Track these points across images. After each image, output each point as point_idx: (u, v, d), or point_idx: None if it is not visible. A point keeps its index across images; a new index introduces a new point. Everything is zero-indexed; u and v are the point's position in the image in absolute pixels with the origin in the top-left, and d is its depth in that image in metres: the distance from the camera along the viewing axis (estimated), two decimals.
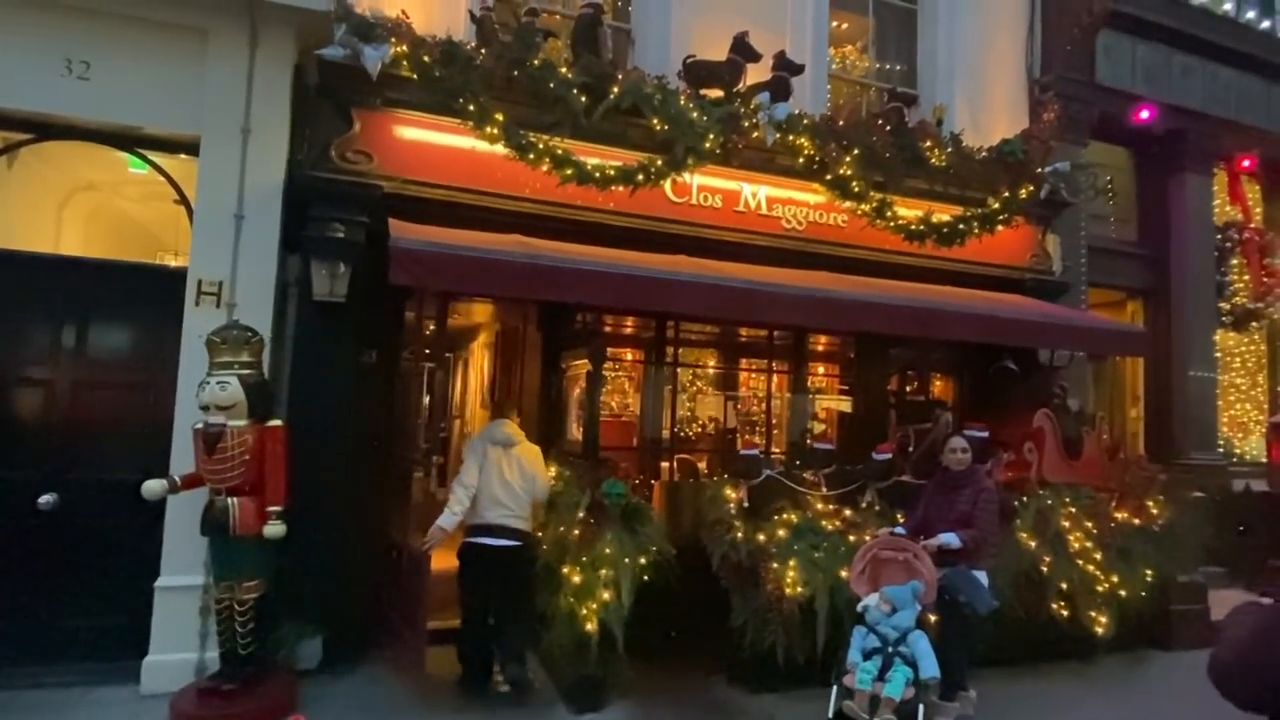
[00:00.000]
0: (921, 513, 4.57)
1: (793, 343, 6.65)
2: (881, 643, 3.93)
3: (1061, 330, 5.66)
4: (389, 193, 4.83)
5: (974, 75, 7.21)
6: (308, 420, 4.61)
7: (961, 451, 4.50)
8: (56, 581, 4.31)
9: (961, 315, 5.11)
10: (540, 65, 4.95)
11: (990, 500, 4.42)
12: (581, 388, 5.15)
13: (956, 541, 4.21)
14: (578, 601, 4.25)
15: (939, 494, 4.54)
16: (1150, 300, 8.38)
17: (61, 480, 4.37)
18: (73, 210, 5.94)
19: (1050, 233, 6.97)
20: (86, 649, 4.33)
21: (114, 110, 4.48)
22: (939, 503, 4.51)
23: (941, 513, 4.43)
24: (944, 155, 6.19)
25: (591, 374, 4.89)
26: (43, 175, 5.24)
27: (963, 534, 4.25)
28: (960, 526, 4.30)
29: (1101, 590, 5.19)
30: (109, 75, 4.43)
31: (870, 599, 4.09)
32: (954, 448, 4.52)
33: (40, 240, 5.33)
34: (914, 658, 3.85)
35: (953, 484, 4.49)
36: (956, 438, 4.59)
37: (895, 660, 3.85)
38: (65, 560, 4.32)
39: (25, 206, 5.19)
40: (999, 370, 6.42)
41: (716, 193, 5.72)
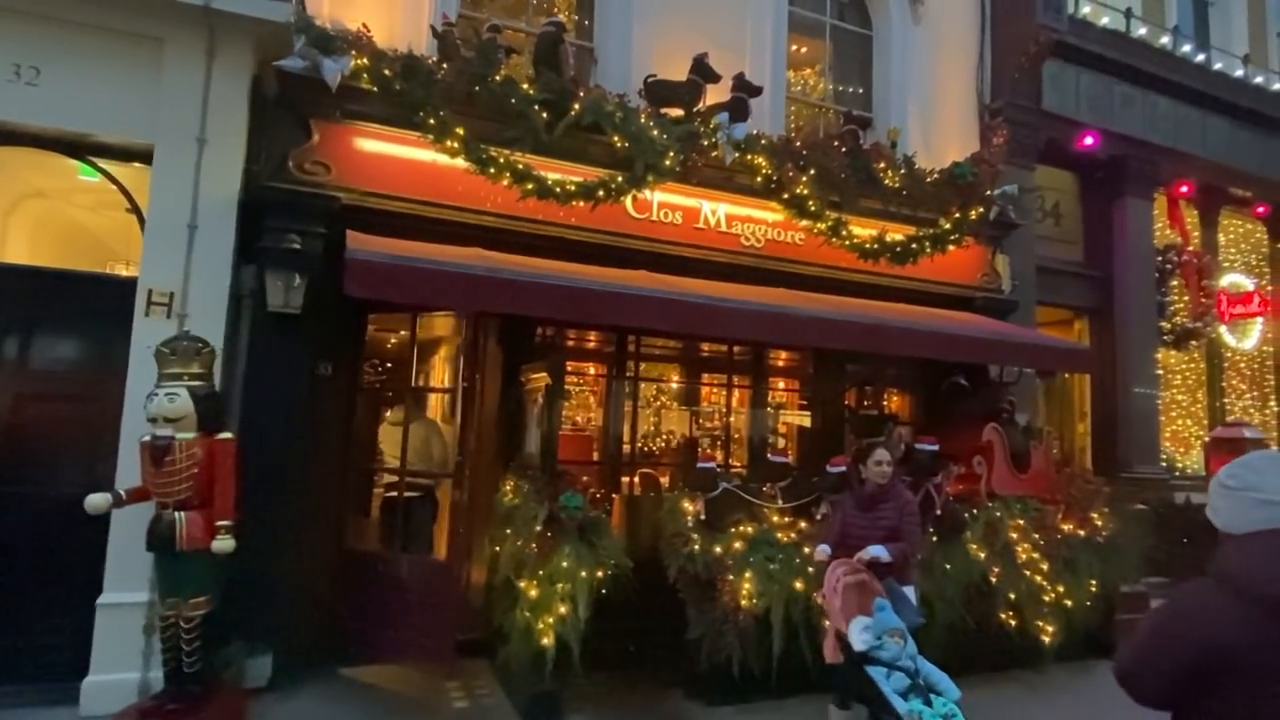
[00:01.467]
0: (839, 529, 4.30)
1: (752, 358, 6.74)
2: (910, 677, 3.51)
3: (1010, 347, 5.84)
4: (347, 204, 4.82)
5: (927, 100, 7.45)
6: (260, 433, 4.55)
7: (887, 464, 4.24)
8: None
9: (914, 332, 5.25)
10: (502, 81, 5.00)
11: (914, 513, 4.26)
12: (540, 401, 5.15)
13: (887, 555, 4.01)
14: (534, 616, 4.23)
15: (860, 509, 4.28)
16: (1096, 319, 8.69)
17: (2, 494, 4.24)
18: (19, 218, 5.80)
19: (1000, 253, 7.20)
20: (26, 669, 4.18)
21: (64, 117, 4.40)
22: (859, 518, 4.26)
23: (865, 528, 4.20)
24: (897, 177, 6.37)
25: (550, 387, 4.91)
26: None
27: (892, 547, 4.04)
28: (888, 540, 4.09)
29: (1049, 600, 5.33)
30: (60, 82, 4.36)
31: (872, 636, 3.61)
32: (879, 459, 4.23)
33: None
34: (933, 683, 3.53)
35: (874, 498, 4.25)
36: (880, 450, 4.32)
37: (925, 692, 3.45)
38: (4, 577, 4.18)
39: None
40: (950, 386, 6.59)
41: (677, 209, 5.81)
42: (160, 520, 3.91)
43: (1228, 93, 8.96)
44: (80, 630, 4.15)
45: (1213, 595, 1.65)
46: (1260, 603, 1.57)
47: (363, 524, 5.47)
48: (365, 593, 4.94)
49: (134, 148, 4.57)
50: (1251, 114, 9.14)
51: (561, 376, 5.29)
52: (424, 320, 5.31)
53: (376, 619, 4.90)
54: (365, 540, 5.36)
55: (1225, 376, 9.58)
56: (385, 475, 5.56)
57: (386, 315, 5.42)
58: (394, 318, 5.53)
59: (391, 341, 8.33)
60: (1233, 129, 9.08)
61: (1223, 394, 9.48)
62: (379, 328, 7.62)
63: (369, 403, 5.91)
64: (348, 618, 4.92)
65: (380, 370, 8.93)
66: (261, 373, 4.68)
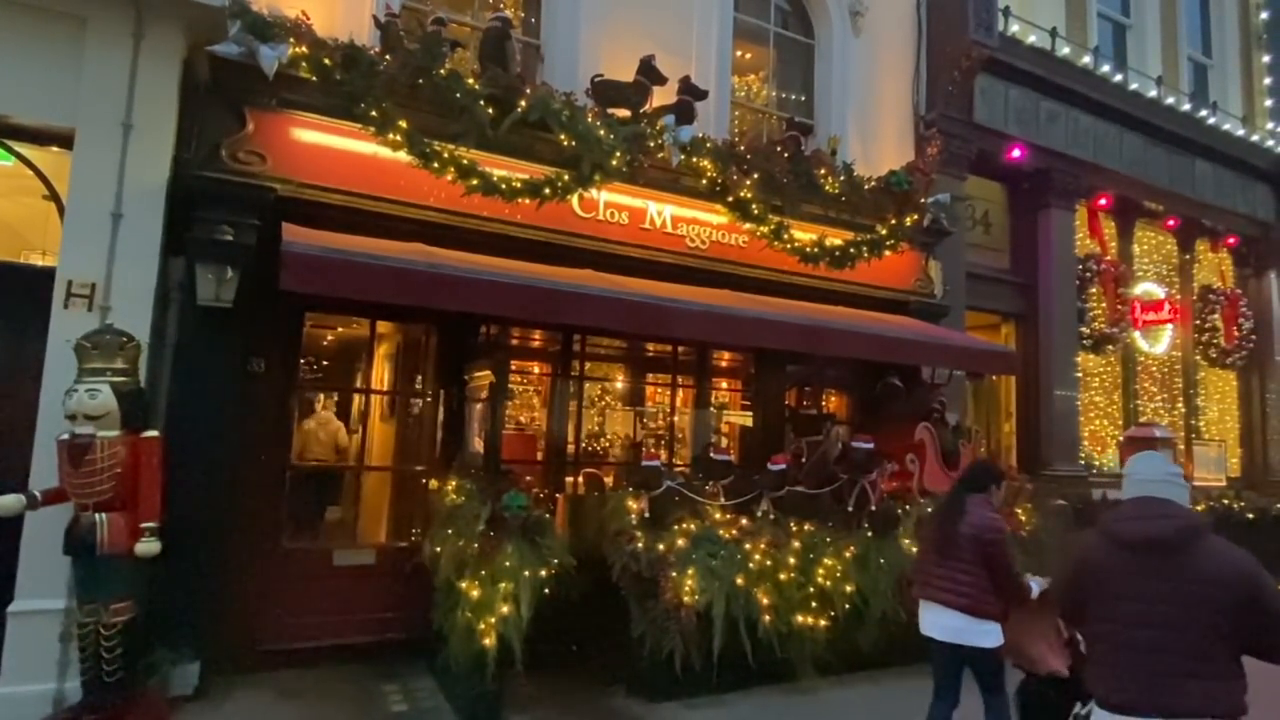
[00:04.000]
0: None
1: (696, 359, 6.83)
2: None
3: (941, 349, 6.08)
4: (283, 196, 4.67)
5: (865, 110, 7.67)
6: (189, 431, 4.40)
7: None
8: None
9: (850, 333, 5.41)
10: (447, 75, 4.93)
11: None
12: (484, 401, 5.09)
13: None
14: (476, 616, 4.19)
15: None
16: (1021, 324, 9.09)
17: None
18: None
19: (933, 259, 7.46)
20: None
21: None
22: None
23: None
24: (837, 183, 6.54)
25: (494, 386, 4.87)
26: None
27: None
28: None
29: None
30: None
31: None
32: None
33: None
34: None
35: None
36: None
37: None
38: None
39: None
40: (885, 386, 6.81)
41: (623, 210, 5.84)
42: (79, 522, 3.74)
43: (1142, 111, 9.50)
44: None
45: (1091, 537, 2.56)
46: (1111, 537, 2.47)
47: (303, 523, 5.32)
48: (305, 588, 4.84)
49: (53, 131, 4.34)
50: (1163, 132, 9.72)
51: (505, 375, 5.25)
52: (360, 321, 5.21)
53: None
54: (304, 538, 5.21)
55: (1138, 379, 10.14)
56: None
57: (327, 313, 5.30)
58: (335, 315, 5.39)
59: (328, 339, 8.14)
60: (1146, 145, 9.63)
61: (1136, 396, 10.03)
62: (317, 324, 7.47)
63: (307, 401, 5.76)
64: (284, 614, 4.80)
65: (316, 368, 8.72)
66: (190, 369, 4.51)
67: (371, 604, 5.06)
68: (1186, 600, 2.25)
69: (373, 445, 6.23)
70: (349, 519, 5.77)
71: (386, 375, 7.02)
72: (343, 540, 5.16)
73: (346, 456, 7.37)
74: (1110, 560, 2.42)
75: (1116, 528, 2.46)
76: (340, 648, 4.92)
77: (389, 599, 5.10)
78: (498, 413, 5.07)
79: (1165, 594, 2.29)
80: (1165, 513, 2.39)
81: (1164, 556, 2.32)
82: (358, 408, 7.57)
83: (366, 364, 5.68)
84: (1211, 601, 2.23)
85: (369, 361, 5.69)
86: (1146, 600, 2.31)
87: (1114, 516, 2.51)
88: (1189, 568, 2.28)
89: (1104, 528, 2.51)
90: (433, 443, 5.39)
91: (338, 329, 8.25)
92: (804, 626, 4.91)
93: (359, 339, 7.73)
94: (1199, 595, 2.24)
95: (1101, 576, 2.43)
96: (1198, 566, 2.28)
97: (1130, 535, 2.41)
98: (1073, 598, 2.57)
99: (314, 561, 5.01)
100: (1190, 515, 2.43)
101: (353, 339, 8.13)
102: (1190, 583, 2.26)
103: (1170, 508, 2.41)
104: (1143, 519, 2.41)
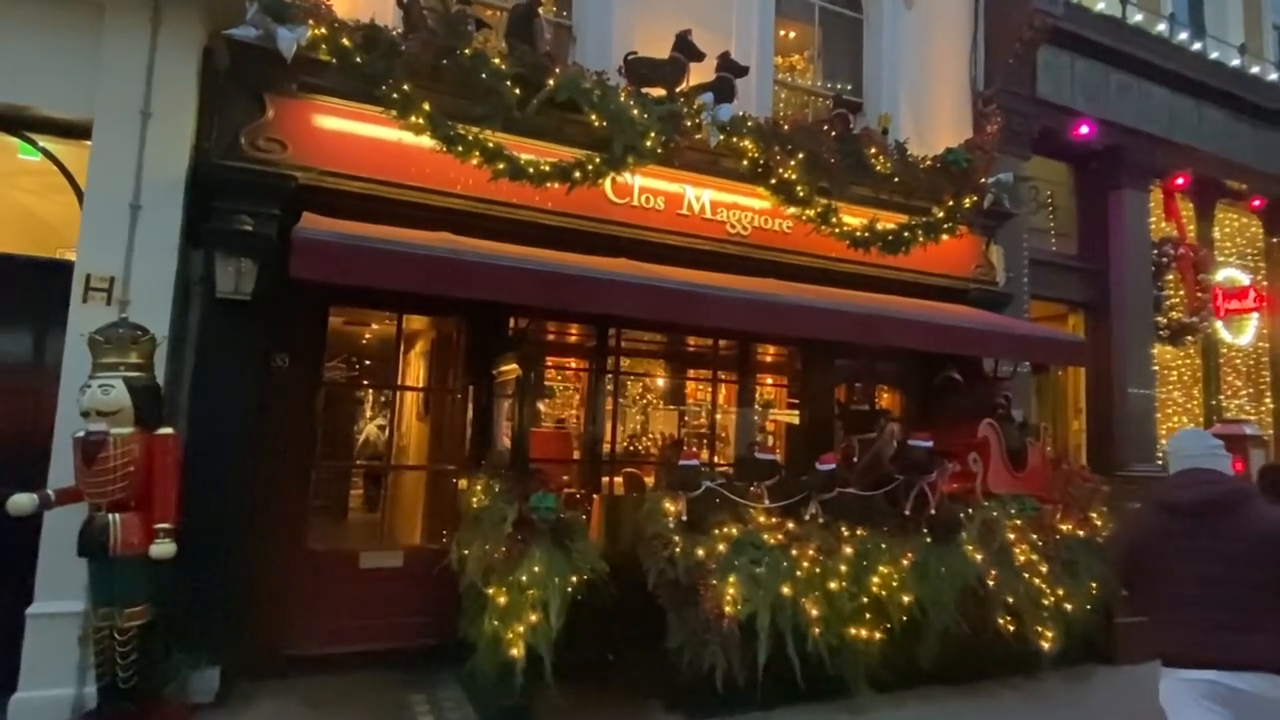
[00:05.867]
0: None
1: (739, 352, 6.48)
2: None
3: (1005, 339, 5.60)
4: (304, 184, 4.51)
5: (918, 86, 7.21)
6: (209, 428, 4.26)
7: None
8: None
9: (905, 322, 5.00)
10: (472, 55, 4.70)
11: None
12: (511, 396, 4.85)
13: None
14: (503, 625, 3.95)
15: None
16: (1091, 314, 8.46)
17: None
18: None
19: (994, 244, 6.96)
20: None
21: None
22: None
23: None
24: (889, 163, 6.12)
25: (520, 381, 4.61)
26: None
27: None
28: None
29: (1048, 604, 5.08)
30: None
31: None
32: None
33: None
34: None
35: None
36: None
37: None
38: None
39: None
40: (943, 380, 6.35)
41: (659, 195, 5.53)
42: (93, 523, 3.61)
43: (1224, 83, 8.76)
44: (10, 643, 3.83)
45: (1145, 508, 2.85)
46: (1164, 505, 2.67)
47: (329, 523, 5.15)
48: (330, 591, 4.68)
49: (76, 123, 4.25)
50: (1247, 105, 8.95)
51: (534, 369, 4.99)
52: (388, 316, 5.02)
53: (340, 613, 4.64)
54: (332, 540, 5.04)
55: (1221, 373, 9.39)
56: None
57: (352, 307, 5.13)
58: (361, 309, 5.22)
59: (358, 335, 8.03)
60: (1228, 120, 8.89)
61: (1219, 390, 9.29)
62: (348, 320, 7.36)
63: (334, 397, 5.60)
64: (308, 619, 4.64)
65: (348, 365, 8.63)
66: (212, 364, 4.36)
67: (399, 608, 4.86)
68: (1239, 558, 2.41)
69: (403, 444, 6.06)
70: (377, 519, 5.59)
71: (418, 372, 6.87)
72: (370, 541, 4.95)
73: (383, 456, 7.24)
74: (1166, 526, 2.62)
75: (1169, 496, 2.67)
76: (366, 654, 4.73)
77: (417, 603, 4.88)
78: (524, 409, 4.81)
79: (1220, 553, 2.45)
80: (1212, 479, 2.59)
81: (1216, 519, 2.51)
82: (383, 405, 7.45)
83: (395, 360, 5.50)
84: (1263, 558, 2.39)
85: (397, 357, 5.50)
86: (1203, 560, 2.47)
87: (1165, 487, 2.73)
88: (1239, 528, 2.46)
89: (1156, 497, 2.74)
90: (463, 441, 5.18)
91: (371, 325, 8.15)
92: (857, 640, 4.52)
93: (388, 334, 7.63)
94: (1251, 553, 2.41)
95: (1158, 541, 2.62)
96: (1248, 527, 2.45)
97: (1182, 501, 2.60)
98: (1131, 565, 2.77)
99: (340, 563, 4.83)
100: (1237, 480, 2.67)
101: (383, 335, 8.02)
102: (1241, 540, 2.43)
103: (1216, 475, 2.60)
104: (1193, 485, 2.59)
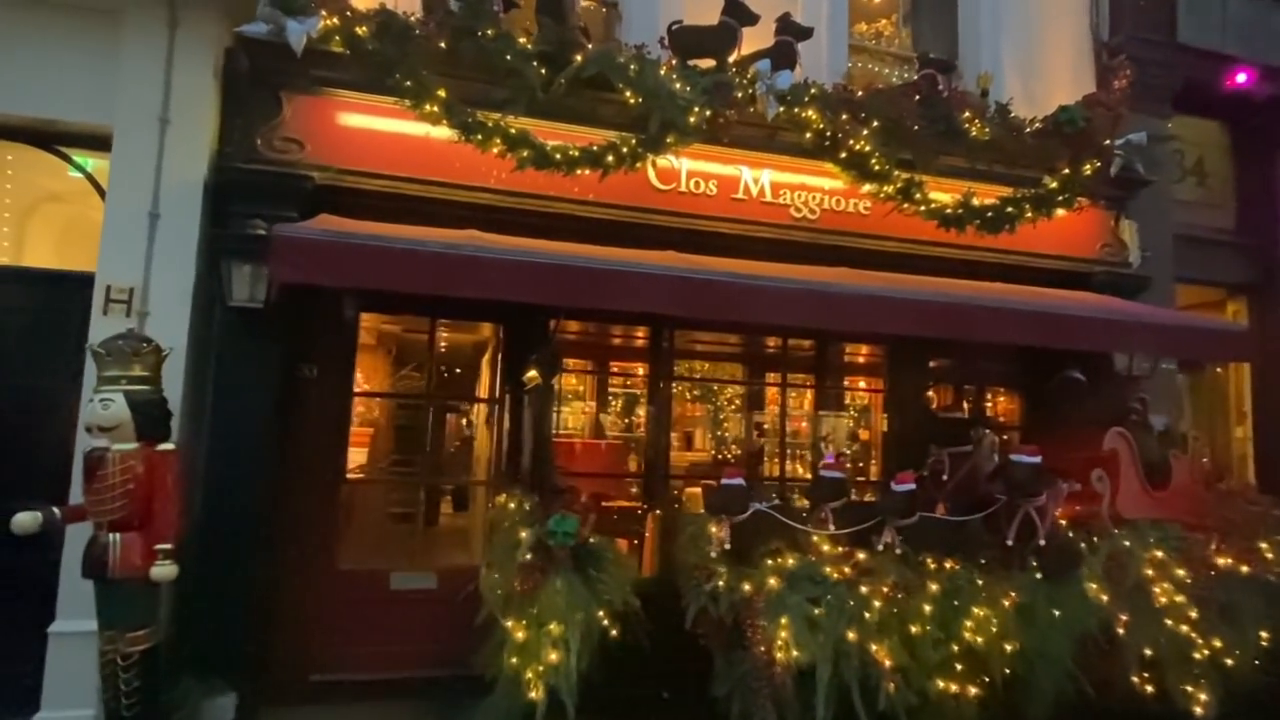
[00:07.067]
0: None
1: (816, 354, 5.78)
2: None
3: (1134, 329, 4.58)
4: (321, 184, 4.28)
5: (1026, 39, 6.21)
6: (226, 441, 4.09)
7: None
8: None
9: (998, 312, 4.15)
10: (495, 36, 4.31)
11: None
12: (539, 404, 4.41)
13: None
14: (521, 663, 3.52)
15: None
16: (1256, 298, 7.07)
17: None
18: (42, 222, 5.63)
19: (1125, 218, 5.86)
20: None
21: (28, 103, 4.10)
22: None
23: None
24: (986, 127, 5.22)
25: (540, 387, 4.17)
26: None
27: None
28: None
29: (1199, 658, 4.08)
30: (20, 65, 4.06)
31: None
32: None
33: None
34: None
35: None
36: None
37: None
38: None
39: None
40: (1062, 382, 5.35)
41: (710, 178, 4.95)
42: (95, 543, 3.46)
43: None
44: (37, 661, 3.78)
45: None
46: None
47: (361, 541, 4.92)
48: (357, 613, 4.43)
49: (103, 134, 4.21)
50: None
51: (553, 373, 4.52)
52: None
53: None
54: (360, 558, 4.78)
55: None
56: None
57: (382, 313, 4.89)
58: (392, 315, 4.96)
59: (392, 342, 7.78)
60: None
61: None
62: (408, 328, 7.19)
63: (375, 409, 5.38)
64: (334, 643, 4.40)
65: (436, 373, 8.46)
66: (232, 375, 4.20)
67: (431, 633, 4.52)
68: None
69: (445, 456, 5.77)
70: (409, 537, 5.32)
71: (480, 380, 6.60)
72: (402, 561, 4.66)
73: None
74: None
75: None
76: (394, 682, 4.42)
77: (450, 629, 4.52)
78: (545, 416, 4.37)
79: None
80: None
81: None
82: (459, 414, 7.23)
83: (430, 368, 5.20)
84: None
85: (432, 366, 5.20)
86: None
87: None
88: None
89: None
90: (498, 454, 4.81)
91: (442, 332, 8.00)
92: (945, 696, 3.76)
93: (463, 342, 7.43)
94: None
95: None
96: None
97: None
98: None
99: (369, 584, 4.56)
100: None
101: (455, 342, 7.83)
102: None
103: None
104: None
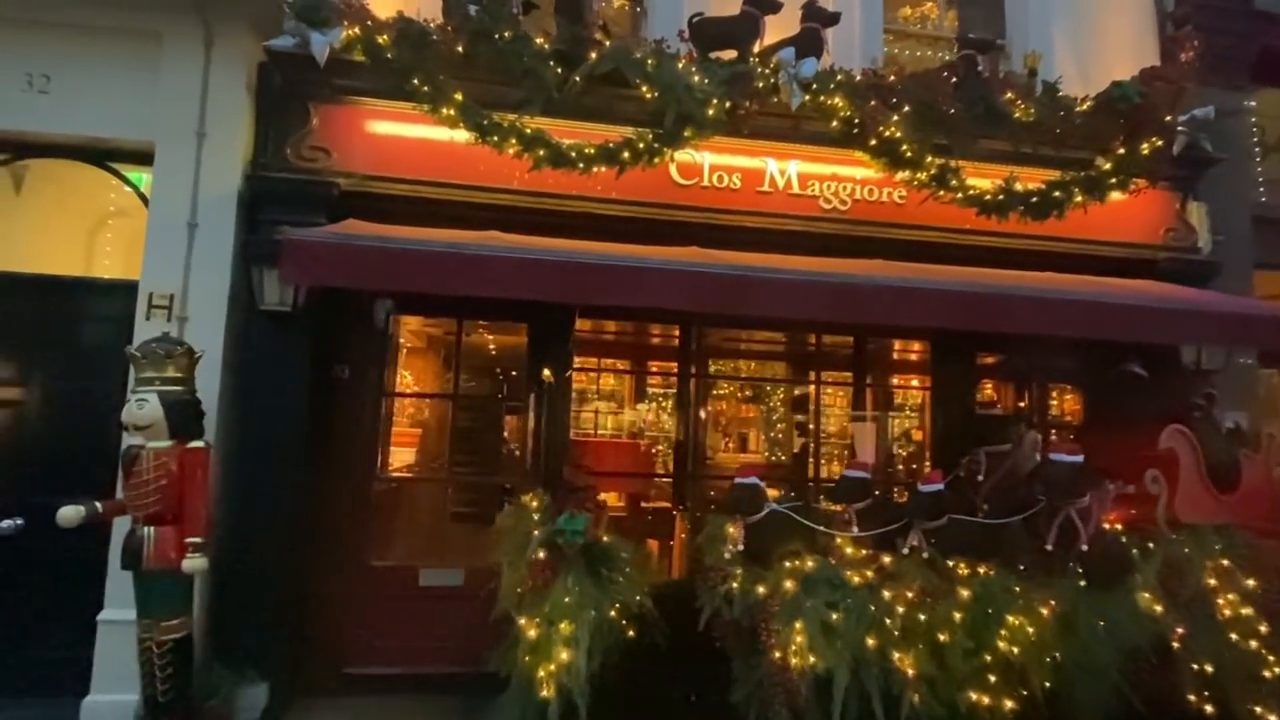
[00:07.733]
0: None
1: (854, 350, 5.59)
2: None
3: (1199, 319, 4.22)
4: (347, 190, 4.41)
5: (1080, 14, 5.85)
6: (261, 439, 4.25)
7: None
8: (8, 611, 4.14)
9: (1041, 302, 3.89)
10: (511, 38, 4.34)
11: None
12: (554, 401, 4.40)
13: None
14: (532, 662, 3.52)
15: None
16: None
17: (26, 504, 4.21)
18: (113, 235, 5.98)
19: (1193, 199, 5.43)
20: (32, 684, 4.10)
21: (78, 123, 4.36)
22: None
23: None
24: (1031, 108, 4.93)
25: (552, 385, 4.15)
26: (59, 199, 5.25)
27: None
28: None
29: (1269, 676, 3.73)
30: (70, 87, 4.33)
31: None
32: None
33: (66, 264, 5.33)
34: None
35: None
36: None
37: None
38: (18, 589, 4.14)
39: (41, 230, 5.19)
40: (1120, 375, 5.00)
41: (734, 171, 4.85)
42: (132, 536, 3.67)
43: None
44: (86, 647, 4.01)
45: None
46: None
47: (393, 539, 5.02)
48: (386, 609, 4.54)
49: (148, 149, 4.45)
50: None
51: (564, 370, 4.50)
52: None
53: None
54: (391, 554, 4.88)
55: None
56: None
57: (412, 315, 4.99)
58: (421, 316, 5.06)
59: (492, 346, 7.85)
60: None
61: None
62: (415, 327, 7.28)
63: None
64: (363, 637, 4.51)
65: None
66: (258, 377, 4.36)
67: (457, 630, 4.57)
68: None
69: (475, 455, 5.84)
70: (438, 534, 5.40)
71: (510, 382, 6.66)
72: (430, 558, 4.74)
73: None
74: None
75: None
76: (421, 677, 4.51)
77: (476, 625, 4.57)
78: (556, 414, 4.35)
79: None
80: None
81: None
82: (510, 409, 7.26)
83: (456, 367, 5.28)
84: None
85: (458, 365, 5.28)
86: None
87: None
88: None
89: None
90: (524, 452, 4.84)
91: (487, 334, 8.10)
92: (977, 708, 3.55)
93: (518, 345, 7.48)
94: None
95: None
96: None
97: None
98: None
99: (398, 580, 4.66)
100: None
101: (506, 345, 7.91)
102: None
103: None
104: None
